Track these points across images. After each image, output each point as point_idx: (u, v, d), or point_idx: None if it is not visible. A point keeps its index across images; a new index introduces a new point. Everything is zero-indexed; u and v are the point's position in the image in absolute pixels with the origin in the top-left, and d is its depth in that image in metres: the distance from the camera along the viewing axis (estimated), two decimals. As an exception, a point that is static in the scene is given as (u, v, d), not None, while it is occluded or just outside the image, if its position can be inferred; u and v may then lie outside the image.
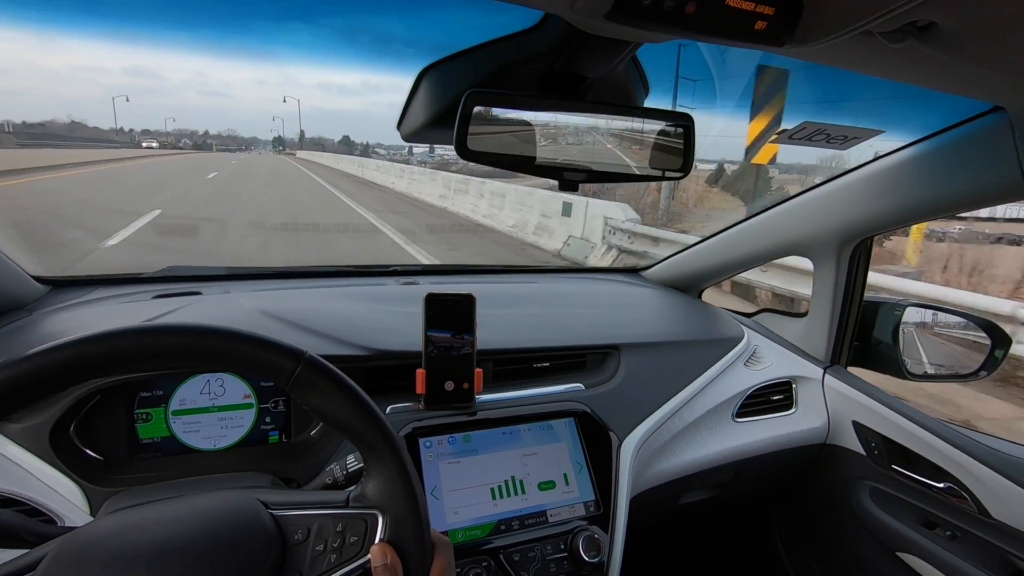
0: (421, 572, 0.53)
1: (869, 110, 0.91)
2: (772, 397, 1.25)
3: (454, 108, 0.64)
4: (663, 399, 1.09)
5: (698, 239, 1.52)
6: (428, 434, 0.88)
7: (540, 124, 0.64)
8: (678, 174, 0.67)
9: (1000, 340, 1.20)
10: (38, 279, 1.10)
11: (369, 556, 0.52)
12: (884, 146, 1.03)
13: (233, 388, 0.87)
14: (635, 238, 7.21)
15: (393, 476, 0.54)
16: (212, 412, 0.86)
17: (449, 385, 0.90)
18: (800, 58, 0.57)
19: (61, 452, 0.75)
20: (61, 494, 0.73)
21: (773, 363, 1.28)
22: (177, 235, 8.19)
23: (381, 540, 0.53)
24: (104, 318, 0.99)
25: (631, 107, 0.66)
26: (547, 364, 1.09)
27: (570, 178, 0.62)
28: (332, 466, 0.67)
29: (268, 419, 0.89)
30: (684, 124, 0.66)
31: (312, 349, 0.53)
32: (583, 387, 1.05)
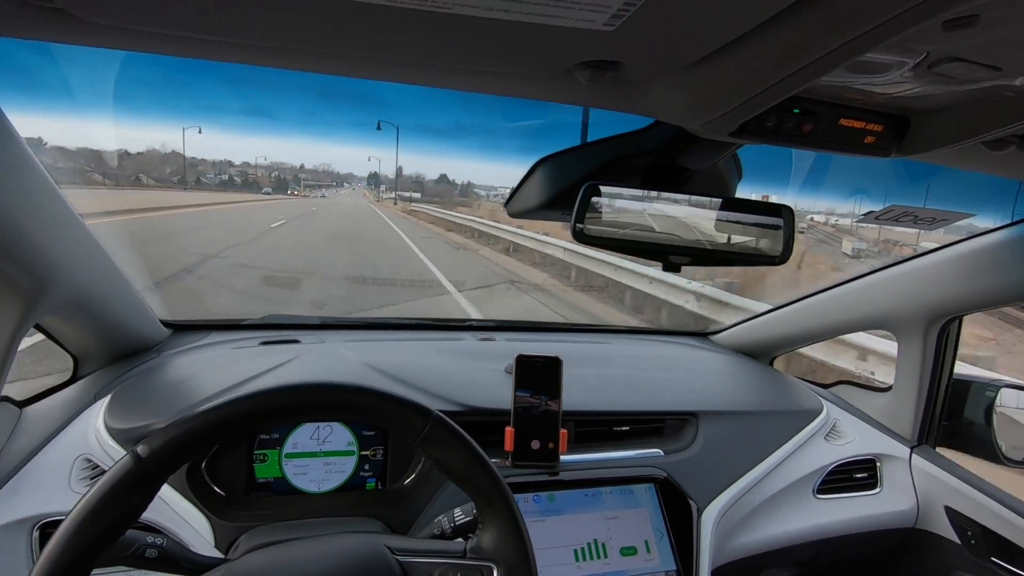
0: None
1: (957, 191, 0.92)
2: (855, 475, 1.21)
3: (563, 194, 0.71)
4: (743, 470, 1.08)
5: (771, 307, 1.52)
6: (514, 492, 0.92)
7: (646, 212, 0.70)
8: (775, 261, 0.71)
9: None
10: (163, 323, 1.23)
11: None
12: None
13: (339, 435, 0.94)
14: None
15: (508, 528, 0.59)
16: (319, 457, 0.93)
17: (535, 444, 0.94)
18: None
19: (195, 487, 0.83)
20: (192, 526, 0.80)
21: (855, 439, 1.25)
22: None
23: None
24: (222, 363, 1.09)
25: (731, 199, 0.71)
26: (627, 428, 1.11)
27: (675, 261, 0.67)
28: (440, 518, 0.71)
29: (367, 466, 0.95)
30: (784, 215, 0.70)
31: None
32: (662, 453, 1.06)
